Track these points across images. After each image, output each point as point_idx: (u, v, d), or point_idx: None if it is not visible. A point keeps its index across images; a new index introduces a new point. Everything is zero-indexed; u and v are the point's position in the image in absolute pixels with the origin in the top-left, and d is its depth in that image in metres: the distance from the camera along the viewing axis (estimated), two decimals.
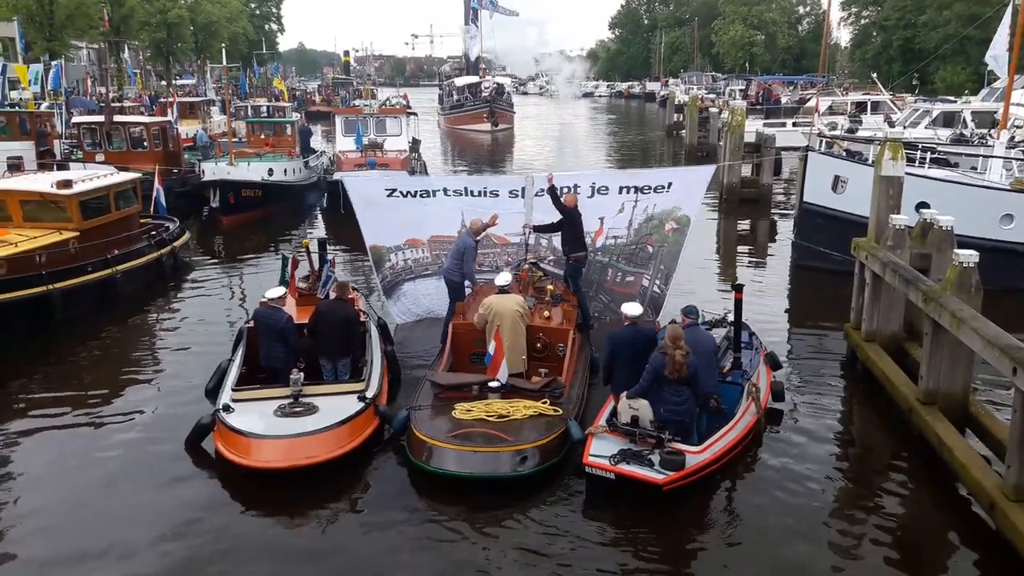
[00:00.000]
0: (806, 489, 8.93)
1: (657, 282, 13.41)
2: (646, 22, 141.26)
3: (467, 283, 12.40)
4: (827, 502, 8.74)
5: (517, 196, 13.13)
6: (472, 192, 13.19)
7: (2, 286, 13.05)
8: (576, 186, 12.98)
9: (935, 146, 21.14)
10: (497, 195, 13.17)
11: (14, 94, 34.35)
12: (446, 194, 13.16)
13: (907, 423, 10.12)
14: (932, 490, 9.07)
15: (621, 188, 13.30)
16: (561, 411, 9.53)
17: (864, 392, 11.67)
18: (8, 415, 10.83)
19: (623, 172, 16.16)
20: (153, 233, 17.85)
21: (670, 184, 13.17)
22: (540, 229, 13.07)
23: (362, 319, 11.44)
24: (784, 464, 9.45)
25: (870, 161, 16.70)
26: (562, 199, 12.52)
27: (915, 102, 38.94)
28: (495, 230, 13.18)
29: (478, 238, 12.41)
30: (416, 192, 13.25)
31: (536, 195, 12.96)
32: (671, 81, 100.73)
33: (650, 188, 13.19)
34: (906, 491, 9.10)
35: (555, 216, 12.74)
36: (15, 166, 23.05)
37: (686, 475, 8.23)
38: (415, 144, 29.64)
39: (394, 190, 13.13)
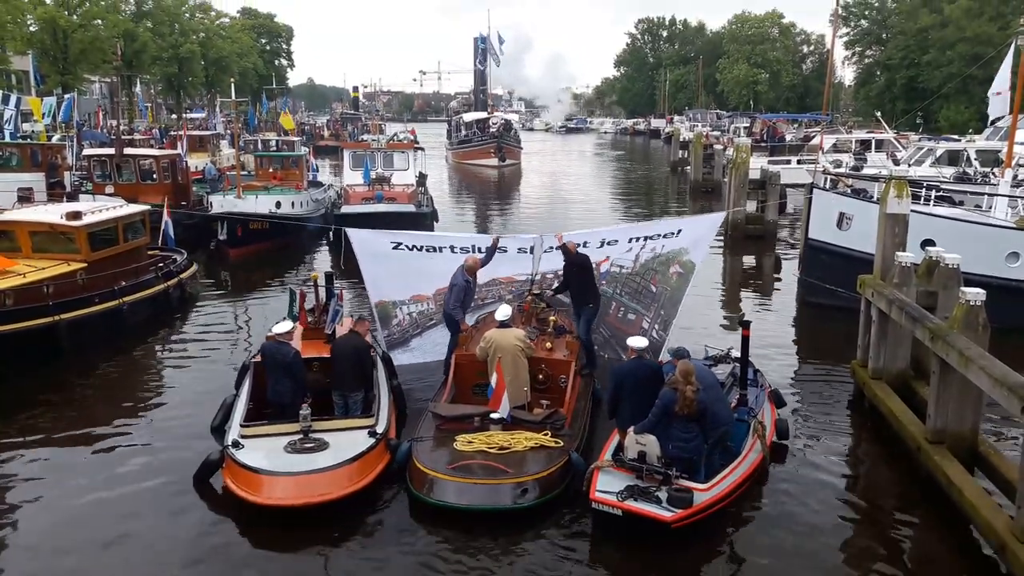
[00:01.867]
0: (813, 528, 8.85)
1: (656, 327, 13.30)
2: (651, 60, 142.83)
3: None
4: (835, 542, 8.64)
5: (525, 252, 13.05)
6: (479, 248, 12.74)
7: (10, 316, 13.08)
8: (585, 243, 12.69)
9: (939, 184, 21.19)
10: (505, 251, 12.92)
11: (26, 126, 34.75)
12: (453, 251, 12.77)
13: (915, 462, 10.02)
14: (941, 531, 8.96)
15: (631, 239, 13.20)
16: (563, 443, 9.51)
17: (871, 430, 11.59)
18: (13, 445, 10.81)
19: (632, 226, 15.95)
20: (161, 265, 17.94)
21: (679, 231, 13.14)
22: (558, 291, 12.87)
23: (371, 352, 11.43)
24: (791, 503, 9.37)
25: (875, 198, 16.76)
26: (564, 237, 12.39)
27: (919, 140, 39.14)
28: (501, 269, 13.09)
29: (469, 277, 12.11)
30: (423, 247, 12.88)
31: (545, 251, 12.87)
32: (676, 118, 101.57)
33: (659, 235, 13.14)
34: (914, 531, 9.01)
35: (560, 266, 12.68)
36: (25, 197, 23.24)
37: (694, 513, 8.17)
38: (422, 178, 29.87)
39: (400, 243, 12.72)
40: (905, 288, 11.58)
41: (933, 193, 18.15)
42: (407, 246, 12.75)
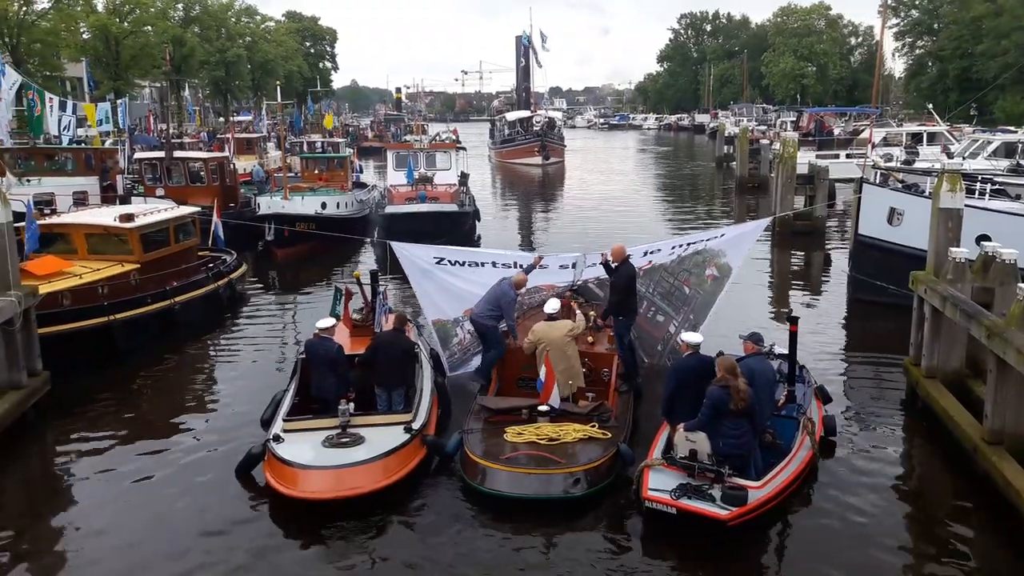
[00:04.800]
0: (867, 528, 8.70)
1: (683, 331, 13.13)
2: (695, 55, 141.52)
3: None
4: (888, 542, 8.47)
5: (567, 268, 12.97)
6: (521, 265, 12.54)
7: (66, 316, 13.44)
8: (628, 255, 12.31)
9: (994, 177, 20.61)
10: (547, 268, 12.79)
11: (80, 131, 35.62)
12: (495, 266, 12.63)
13: (971, 463, 9.77)
14: (998, 533, 8.73)
15: (673, 247, 13.05)
16: (610, 434, 9.67)
17: (925, 430, 11.33)
18: (69, 441, 11.14)
19: (676, 238, 15.74)
20: (211, 265, 18.29)
21: (723, 234, 13.02)
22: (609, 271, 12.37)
23: (416, 350, 11.53)
24: (842, 502, 9.21)
25: (927, 193, 16.37)
26: (608, 254, 12.03)
27: (974, 132, 38.15)
28: (542, 279, 12.97)
29: (518, 292, 11.99)
30: (465, 262, 12.70)
31: (588, 266, 12.77)
32: (720, 113, 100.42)
33: (702, 240, 13.01)
34: (971, 534, 8.78)
35: (601, 272, 12.56)
36: (80, 200, 23.85)
37: (749, 510, 8.11)
38: (464, 178, 30.02)
39: (442, 258, 12.55)
40: (960, 284, 11.31)
41: (988, 187, 17.68)
42: (449, 261, 12.62)
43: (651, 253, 12.92)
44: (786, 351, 11.19)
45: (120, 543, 8.54)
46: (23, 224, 14.53)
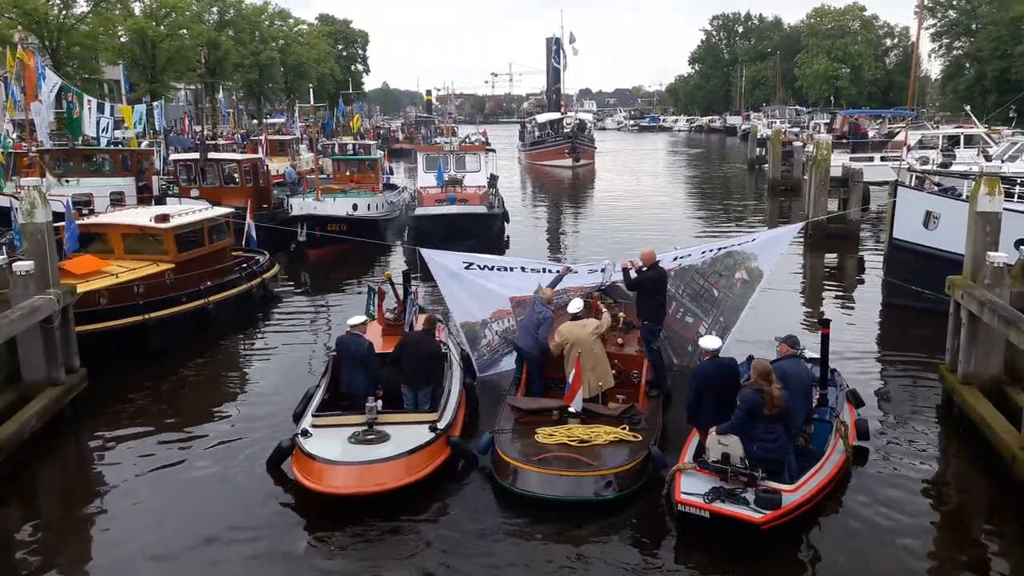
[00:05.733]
0: (901, 534, 8.58)
1: (713, 332, 12.99)
2: (726, 56, 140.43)
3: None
4: (923, 550, 8.36)
5: (596, 273, 12.98)
6: (549, 271, 12.68)
7: (102, 315, 13.66)
8: (658, 261, 12.20)
9: None
10: (576, 273, 12.87)
11: (117, 133, 36.19)
12: (524, 271, 12.75)
13: (1009, 471, 9.57)
14: None
15: (704, 251, 13.01)
16: (641, 437, 9.65)
17: (961, 437, 11.14)
18: (105, 436, 11.33)
19: (707, 243, 15.63)
20: (244, 265, 18.49)
21: (754, 238, 12.96)
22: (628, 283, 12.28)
23: (443, 351, 11.57)
24: (876, 506, 9.09)
25: (964, 196, 16.12)
26: (631, 262, 11.93)
27: (1013, 135, 37.45)
28: (572, 283, 12.92)
29: (551, 308, 11.89)
30: (494, 267, 12.89)
31: (617, 272, 12.67)
32: (753, 115, 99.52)
33: (733, 245, 12.96)
34: (1008, 543, 8.62)
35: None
36: (117, 201, 24.24)
37: (783, 514, 8.04)
38: (493, 180, 30.09)
39: (471, 263, 12.74)
40: (998, 289, 11.12)
41: None
42: (479, 266, 12.76)
43: (681, 259, 12.90)
44: (817, 355, 11.08)
45: (152, 534, 8.70)
46: (63, 224, 14.81)
